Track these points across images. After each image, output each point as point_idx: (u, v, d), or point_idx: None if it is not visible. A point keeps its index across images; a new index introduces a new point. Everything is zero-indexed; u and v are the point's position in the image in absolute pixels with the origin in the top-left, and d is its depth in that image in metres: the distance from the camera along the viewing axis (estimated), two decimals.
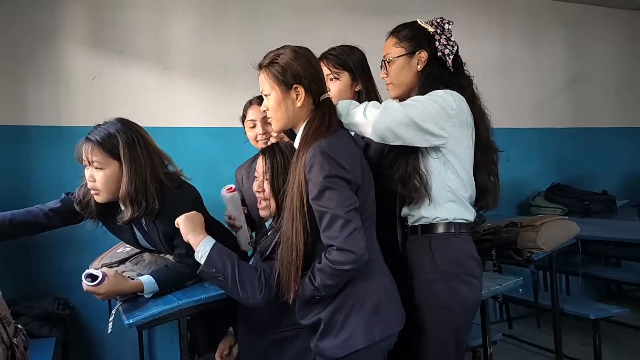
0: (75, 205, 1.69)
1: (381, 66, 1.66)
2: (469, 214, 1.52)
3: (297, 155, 1.37)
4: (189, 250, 1.62)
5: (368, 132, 1.41)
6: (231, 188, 1.83)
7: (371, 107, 1.40)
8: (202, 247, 1.44)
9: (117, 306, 1.55)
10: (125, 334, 2.56)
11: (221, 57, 2.94)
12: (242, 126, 2.05)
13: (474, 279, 1.49)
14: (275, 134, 1.83)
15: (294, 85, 1.38)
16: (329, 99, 1.44)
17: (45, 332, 2.12)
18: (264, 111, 1.47)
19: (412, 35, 1.59)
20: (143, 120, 2.67)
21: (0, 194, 2.40)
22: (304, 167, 1.32)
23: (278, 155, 1.57)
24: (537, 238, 2.14)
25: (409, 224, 1.55)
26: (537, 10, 4.06)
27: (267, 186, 1.57)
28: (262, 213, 1.62)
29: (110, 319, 1.53)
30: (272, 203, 1.57)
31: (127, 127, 1.64)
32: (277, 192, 1.54)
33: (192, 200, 1.69)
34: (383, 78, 1.65)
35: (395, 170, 1.51)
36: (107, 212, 1.70)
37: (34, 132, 2.51)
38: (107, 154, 1.57)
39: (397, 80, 1.61)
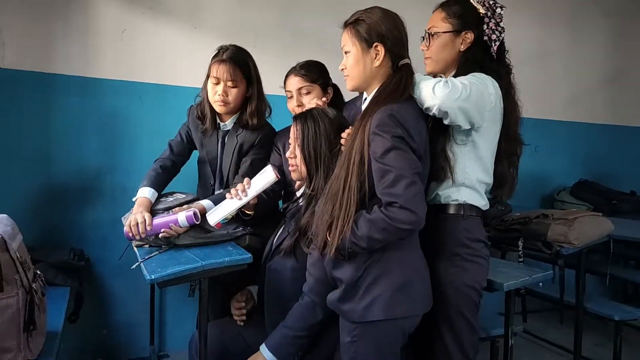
0: (196, 119, 1.96)
1: (423, 37, 1.60)
2: (482, 201, 1.52)
3: (364, 115, 1.34)
4: (254, 170, 1.73)
5: (433, 108, 1.37)
6: (278, 176, 1.66)
7: (441, 84, 1.36)
8: (266, 354, 1.49)
9: (139, 262, 1.52)
10: (137, 292, 2.59)
11: (253, 22, 2.84)
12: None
13: (481, 259, 1.49)
14: (315, 101, 1.77)
15: (375, 44, 1.37)
16: (408, 65, 1.41)
17: (60, 281, 2.11)
18: (342, 70, 1.45)
19: (461, 13, 1.54)
20: (168, 78, 2.67)
21: (21, 140, 2.38)
22: (369, 127, 1.30)
23: (310, 121, 1.56)
24: (569, 232, 2.07)
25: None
26: (580, 1, 3.88)
27: (298, 152, 1.56)
28: (293, 175, 1.63)
29: (133, 266, 1.55)
30: (303, 169, 1.57)
31: (249, 54, 1.90)
32: (307, 158, 1.54)
33: (274, 134, 1.98)
34: (423, 50, 1.61)
35: None
36: (214, 121, 1.95)
37: (60, 81, 2.46)
38: (242, 74, 1.85)
39: (437, 56, 1.58)
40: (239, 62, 1.83)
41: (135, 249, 1.70)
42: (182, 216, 1.62)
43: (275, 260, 1.63)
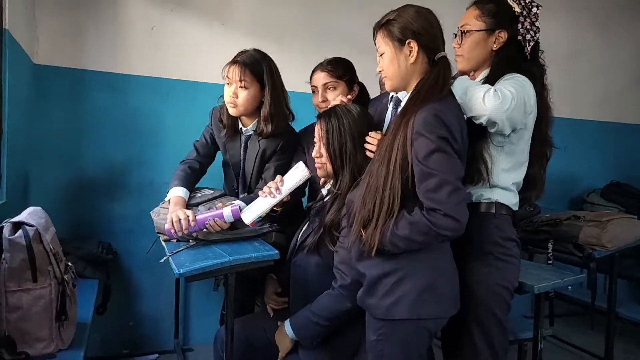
0: (218, 122, 1.95)
1: (455, 35, 1.57)
2: (514, 200, 1.50)
3: (405, 112, 1.33)
4: (276, 174, 1.74)
5: (482, 118, 1.36)
6: (310, 172, 1.67)
7: (491, 95, 1.34)
8: (288, 330, 1.55)
9: (168, 256, 1.53)
10: (162, 285, 2.63)
11: (280, 19, 2.85)
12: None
13: (513, 258, 1.47)
14: (340, 98, 1.76)
15: (408, 41, 1.35)
16: (444, 58, 1.39)
17: (89, 274, 2.16)
18: (380, 72, 1.44)
19: (496, 11, 1.51)
20: (195, 74, 2.69)
21: (54, 135, 2.43)
22: (411, 126, 1.27)
23: (333, 119, 1.56)
24: (602, 235, 2.01)
25: None
26: (612, 1, 3.77)
27: (323, 150, 1.56)
28: (319, 173, 1.63)
29: (162, 260, 1.56)
30: (329, 167, 1.58)
31: (268, 58, 1.87)
32: (332, 156, 1.54)
33: (298, 140, 1.96)
34: (455, 47, 1.59)
35: None
36: (234, 127, 1.93)
37: (91, 77, 2.50)
38: (254, 76, 1.81)
39: (468, 55, 1.56)
40: (251, 65, 1.80)
41: (163, 243, 1.71)
42: (227, 211, 1.62)
43: (300, 257, 1.63)
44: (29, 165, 2.37)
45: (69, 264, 1.53)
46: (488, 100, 1.32)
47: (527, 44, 1.50)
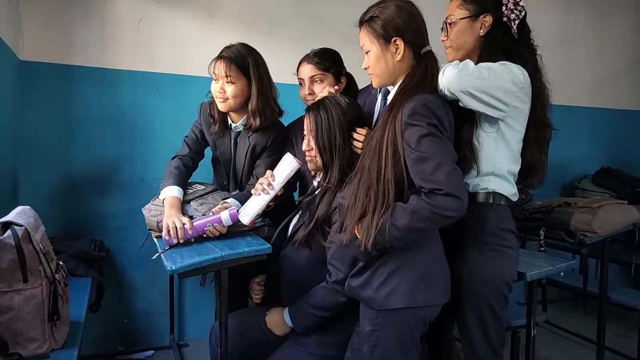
0: (208, 117, 1.93)
1: (442, 28, 1.58)
2: (512, 190, 1.48)
3: (392, 106, 1.32)
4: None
5: (444, 89, 1.34)
6: (299, 162, 1.65)
7: (451, 66, 1.33)
8: (287, 320, 1.58)
9: (160, 252, 1.52)
10: (156, 281, 2.62)
11: (269, 10, 2.82)
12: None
13: (510, 250, 1.45)
14: (327, 89, 1.75)
15: (393, 39, 1.35)
16: (430, 52, 1.38)
17: (82, 272, 2.14)
18: (365, 68, 1.43)
19: None
20: (185, 68, 2.66)
21: (42, 132, 2.40)
22: (400, 118, 1.27)
23: (322, 112, 1.55)
24: (592, 221, 2.02)
25: None
26: None
27: (313, 143, 1.56)
28: (310, 166, 1.63)
29: (154, 257, 1.55)
30: (318, 159, 1.57)
31: (254, 52, 1.86)
32: (322, 149, 1.54)
33: (286, 135, 1.95)
34: (443, 41, 1.58)
35: None
36: (224, 124, 1.92)
37: (79, 72, 2.47)
38: (240, 71, 1.80)
39: (457, 44, 1.54)
40: (236, 60, 1.79)
41: (155, 239, 1.70)
42: (225, 214, 1.58)
43: (291, 249, 1.63)
44: (17, 164, 2.34)
45: (60, 263, 1.52)
46: (447, 70, 1.32)
47: (513, 24, 1.48)
